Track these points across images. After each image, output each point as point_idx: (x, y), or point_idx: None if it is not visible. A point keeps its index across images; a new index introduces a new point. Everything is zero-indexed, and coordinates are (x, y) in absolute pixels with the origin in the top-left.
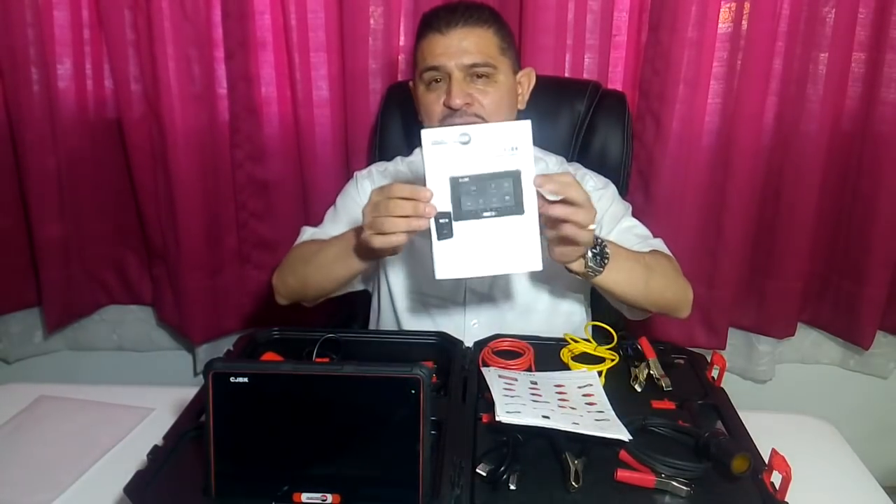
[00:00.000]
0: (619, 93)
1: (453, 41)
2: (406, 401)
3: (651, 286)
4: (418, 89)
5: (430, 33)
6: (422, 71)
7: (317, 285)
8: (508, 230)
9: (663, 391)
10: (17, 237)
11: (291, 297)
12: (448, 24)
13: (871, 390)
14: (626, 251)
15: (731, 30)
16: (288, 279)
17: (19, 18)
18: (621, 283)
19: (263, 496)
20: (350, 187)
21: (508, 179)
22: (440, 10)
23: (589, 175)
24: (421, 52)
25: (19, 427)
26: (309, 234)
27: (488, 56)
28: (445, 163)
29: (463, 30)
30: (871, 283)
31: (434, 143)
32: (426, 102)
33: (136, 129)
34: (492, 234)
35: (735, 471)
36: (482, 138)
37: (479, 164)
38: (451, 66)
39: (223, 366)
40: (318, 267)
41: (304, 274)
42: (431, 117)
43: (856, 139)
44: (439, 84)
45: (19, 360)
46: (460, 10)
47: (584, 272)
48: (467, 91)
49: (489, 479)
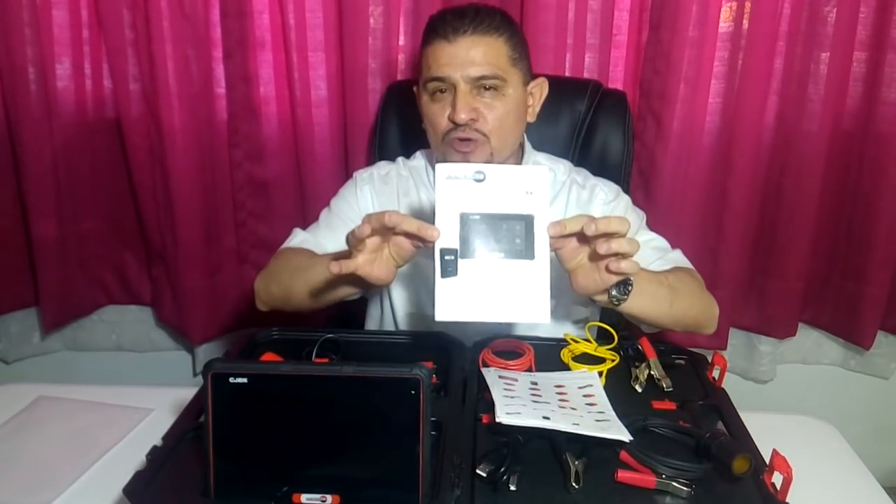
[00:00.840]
0: (620, 92)
1: (460, 50)
2: (406, 401)
3: (676, 308)
4: (422, 98)
5: (437, 40)
6: (426, 80)
7: (300, 301)
8: (516, 275)
9: (664, 392)
10: (15, 237)
11: (272, 305)
12: (456, 31)
13: (872, 391)
14: (649, 274)
15: (732, 29)
16: (271, 287)
17: (17, 18)
18: (646, 308)
19: (263, 497)
20: (348, 190)
21: (521, 223)
22: (448, 15)
23: (600, 185)
24: (426, 60)
25: (18, 427)
26: (298, 240)
27: (497, 68)
28: (457, 198)
29: (472, 38)
30: (872, 283)
31: (448, 178)
32: (430, 114)
33: (135, 129)
34: (498, 278)
35: (736, 471)
36: (498, 178)
37: (492, 204)
38: (456, 78)
39: (222, 366)
40: (304, 283)
41: (290, 286)
42: (436, 129)
43: (857, 139)
44: (444, 95)
45: (18, 360)
46: (469, 15)
47: (607, 301)
48: (473, 105)
49: (489, 479)
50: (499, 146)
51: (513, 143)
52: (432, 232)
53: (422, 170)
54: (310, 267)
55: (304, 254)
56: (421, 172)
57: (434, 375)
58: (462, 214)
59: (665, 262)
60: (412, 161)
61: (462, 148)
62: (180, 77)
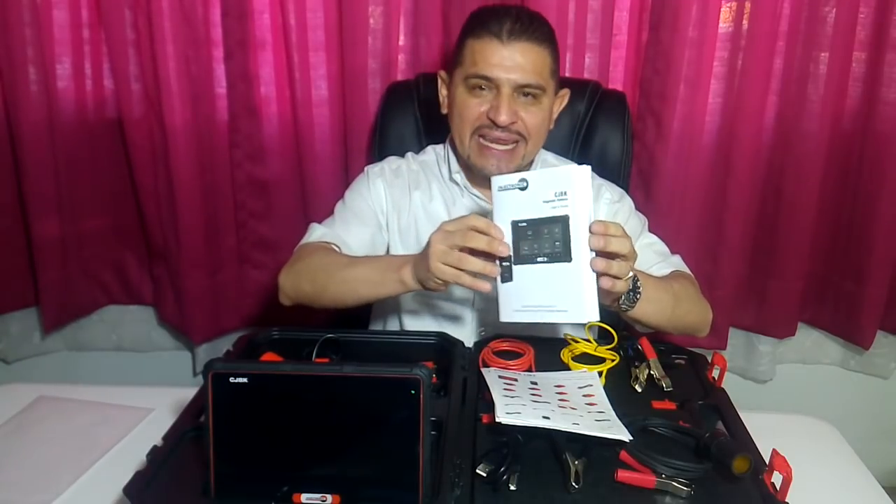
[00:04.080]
0: (619, 92)
1: (514, 54)
2: (406, 401)
3: (676, 314)
4: (457, 88)
5: (488, 37)
6: (469, 75)
7: (336, 300)
8: (559, 278)
9: (664, 391)
10: (16, 237)
11: (300, 300)
12: (511, 34)
13: (871, 390)
14: (654, 281)
15: (732, 29)
16: (303, 285)
17: (18, 18)
18: (650, 313)
19: (263, 496)
20: (360, 184)
21: (558, 225)
22: (502, 14)
23: (605, 186)
24: (472, 54)
25: (19, 427)
26: (318, 235)
27: (541, 77)
28: (508, 207)
29: (525, 45)
30: (871, 283)
31: (500, 189)
32: (465, 105)
33: (136, 129)
34: (545, 281)
35: (736, 471)
36: (538, 183)
37: (534, 209)
38: (503, 80)
39: (223, 366)
40: (342, 282)
41: (325, 285)
42: (465, 121)
43: (856, 139)
44: (483, 92)
45: (18, 360)
46: (524, 20)
47: (616, 307)
48: (514, 108)
49: (489, 479)
50: (532, 149)
51: (540, 148)
52: (499, 231)
53: (433, 164)
54: (350, 265)
55: (333, 252)
56: (432, 166)
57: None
58: (513, 222)
59: (666, 266)
60: (422, 156)
61: (497, 146)
62: (181, 77)
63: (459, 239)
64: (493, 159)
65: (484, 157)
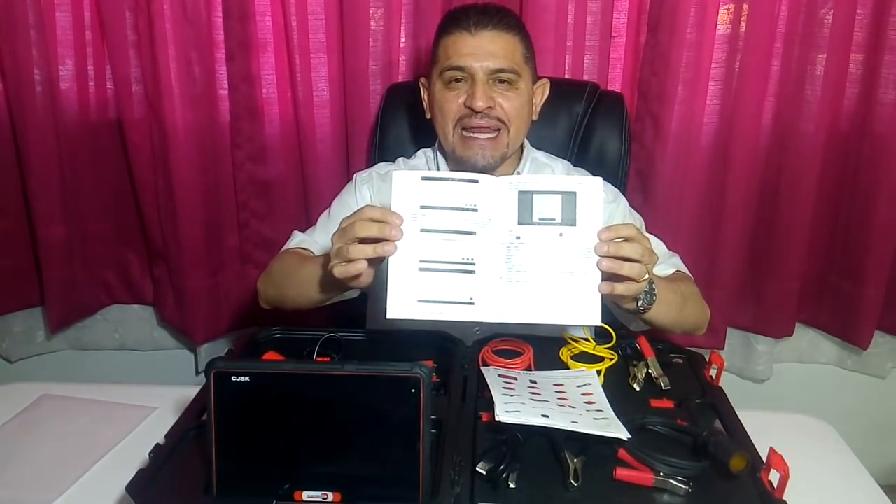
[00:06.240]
0: (617, 94)
1: (482, 43)
2: (406, 400)
3: (683, 314)
4: (435, 86)
5: (458, 31)
6: (444, 69)
7: (293, 302)
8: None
9: (662, 390)
10: (20, 237)
11: (271, 304)
12: (478, 25)
13: (868, 390)
14: (666, 283)
15: (730, 31)
16: (268, 288)
17: (22, 20)
18: (660, 315)
19: (265, 495)
20: (347, 193)
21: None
22: (470, 10)
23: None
24: (444, 50)
25: (22, 426)
26: (297, 241)
27: (514, 62)
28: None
29: (493, 33)
30: (868, 284)
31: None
32: (443, 100)
33: (138, 130)
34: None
35: (733, 469)
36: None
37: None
38: (476, 68)
39: (225, 365)
40: (295, 284)
41: (283, 287)
42: (446, 115)
43: (853, 140)
44: (459, 84)
45: (21, 359)
46: (491, 11)
47: (634, 309)
48: (490, 94)
49: (489, 477)
50: (515, 136)
51: (523, 137)
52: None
53: (423, 167)
54: (301, 266)
55: (299, 256)
56: (422, 169)
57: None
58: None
59: (668, 267)
60: (413, 160)
61: (480, 134)
62: (183, 79)
63: (354, 232)
64: (476, 148)
65: (468, 147)
